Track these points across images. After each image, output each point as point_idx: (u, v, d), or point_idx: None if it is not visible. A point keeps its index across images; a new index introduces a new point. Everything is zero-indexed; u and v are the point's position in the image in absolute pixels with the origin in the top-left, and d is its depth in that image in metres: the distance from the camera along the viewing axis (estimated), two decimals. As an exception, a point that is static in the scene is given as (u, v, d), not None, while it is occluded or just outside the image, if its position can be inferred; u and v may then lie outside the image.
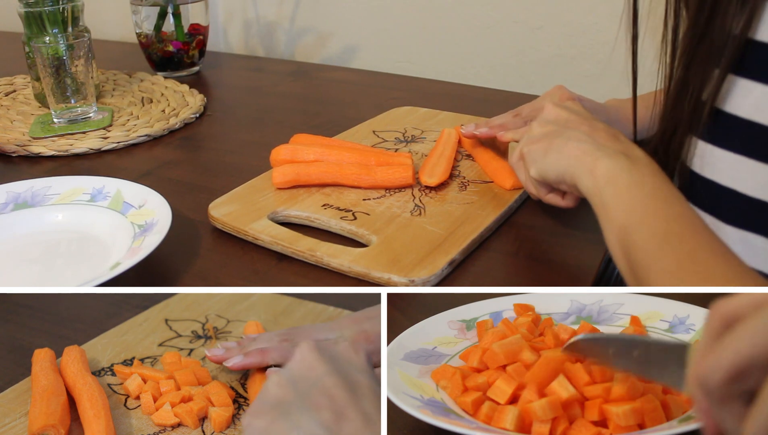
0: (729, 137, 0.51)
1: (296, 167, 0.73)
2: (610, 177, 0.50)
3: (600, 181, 0.51)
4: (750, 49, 0.49)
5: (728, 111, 0.50)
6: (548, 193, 0.62)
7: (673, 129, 0.55)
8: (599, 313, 0.62)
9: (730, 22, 0.48)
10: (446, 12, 1.23)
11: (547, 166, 0.57)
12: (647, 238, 0.47)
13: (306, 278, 0.61)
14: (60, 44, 0.93)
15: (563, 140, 0.56)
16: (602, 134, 0.55)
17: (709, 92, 0.50)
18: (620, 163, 0.50)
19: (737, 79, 0.50)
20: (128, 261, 0.59)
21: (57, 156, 0.89)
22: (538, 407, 0.46)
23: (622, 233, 0.49)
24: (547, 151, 0.57)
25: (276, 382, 0.42)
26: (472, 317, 0.62)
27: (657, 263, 0.46)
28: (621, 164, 0.50)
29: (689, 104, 0.52)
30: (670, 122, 0.55)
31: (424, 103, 1.01)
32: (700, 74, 0.51)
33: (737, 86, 0.50)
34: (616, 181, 0.50)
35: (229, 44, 1.48)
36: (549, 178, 0.58)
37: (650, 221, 0.47)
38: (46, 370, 0.57)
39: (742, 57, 0.49)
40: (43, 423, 0.51)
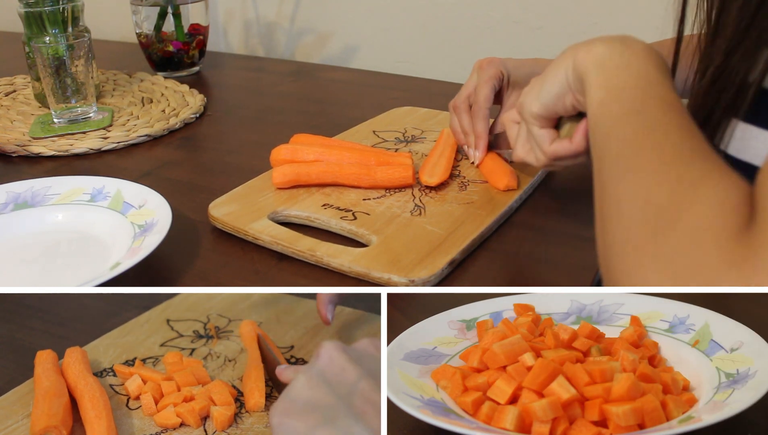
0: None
1: (296, 167, 0.73)
2: (601, 59, 0.50)
3: (591, 64, 0.50)
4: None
5: None
6: (552, 142, 0.58)
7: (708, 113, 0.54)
8: (599, 313, 0.62)
9: None
10: (446, 12, 1.23)
11: (547, 87, 0.55)
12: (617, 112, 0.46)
13: (306, 278, 0.62)
14: (60, 44, 0.93)
15: (557, 59, 0.55)
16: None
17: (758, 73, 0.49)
18: (614, 45, 0.50)
19: None
20: (128, 261, 0.59)
21: (57, 156, 0.89)
22: (538, 407, 0.46)
23: (598, 109, 0.48)
24: (543, 78, 0.56)
25: (306, 383, 0.40)
26: (472, 317, 0.62)
27: (619, 131, 0.45)
28: (614, 47, 0.50)
29: (732, 88, 0.52)
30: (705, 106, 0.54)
31: (424, 103, 1.01)
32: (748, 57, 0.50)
33: None
34: (605, 63, 0.49)
35: (229, 44, 1.48)
36: (551, 97, 0.55)
37: (625, 97, 0.47)
38: (48, 371, 0.57)
39: None
40: (45, 424, 0.51)
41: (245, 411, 0.55)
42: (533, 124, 0.59)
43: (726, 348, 0.54)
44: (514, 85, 0.78)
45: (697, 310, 0.59)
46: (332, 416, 0.38)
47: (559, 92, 0.55)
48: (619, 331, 0.59)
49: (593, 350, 0.55)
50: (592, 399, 0.48)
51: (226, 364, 0.63)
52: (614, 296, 0.63)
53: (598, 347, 0.55)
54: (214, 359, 0.63)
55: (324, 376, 0.41)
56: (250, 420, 0.54)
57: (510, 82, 0.78)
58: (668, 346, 0.58)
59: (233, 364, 0.63)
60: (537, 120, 0.58)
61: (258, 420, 0.54)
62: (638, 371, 0.50)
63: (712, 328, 0.57)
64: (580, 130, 0.57)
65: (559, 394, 0.47)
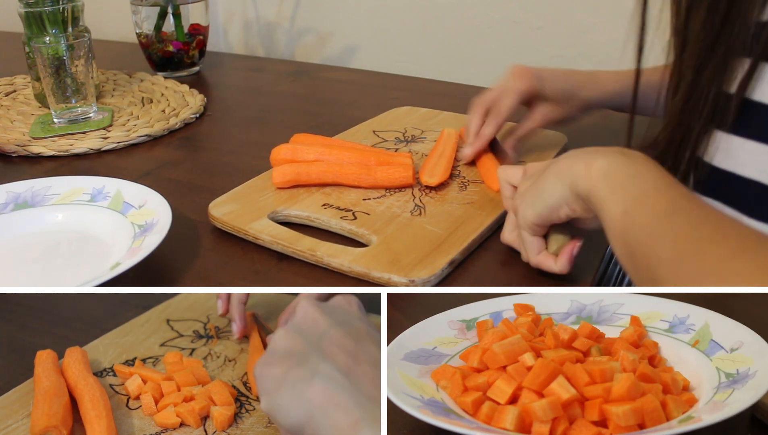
0: (755, 126, 0.50)
1: (296, 167, 0.73)
2: (606, 172, 0.49)
3: (596, 177, 0.50)
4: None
5: (755, 99, 0.49)
6: (539, 253, 0.59)
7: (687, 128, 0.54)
8: (599, 313, 0.62)
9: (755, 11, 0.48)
10: (446, 12, 1.23)
11: (543, 197, 0.55)
12: (650, 216, 0.45)
13: (306, 278, 0.62)
14: (60, 44, 0.93)
15: (553, 168, 0.54)
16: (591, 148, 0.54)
17: (739, 83, 0.49)
18: (616, 158, 0.50)
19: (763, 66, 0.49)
20: (128, 261, 0.59)
21: (57, 156, 0.89)
22: (538, 407, 0.46)
23: (622, 219, 0.47)
24: (541, 186, 0.55)
25: (283, 335, 0.44)
26: (472, 317, 0.62)
27: (665, 234, 0.44)
28: (617, 159, 0.49)
29: (708, 101, 0.51)
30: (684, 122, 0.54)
31: (424, 103, 1.01)
32: (720, 72, 0.50)
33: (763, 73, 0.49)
34: (612, 175, 0.49)
35: (229, 44, 1.48)
36: (546, 208, 0.55)
37: (652, 201, 0.46)
38: (48, 371, 0.57)
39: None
40: (45, 424, 0.51)
41: (245, 411, 0.55)
42: (525, 230, 0.59)
43: (726, 348, 0.54)
44: (546, 99, 0.77)
45: (697, 310, 0.59)
46: (304, 359, 0.42)
47: (554, 205, 0.54)
48: (619, 331, 0.59)
49: (593, 350, 0.55)
50: (592, 399, 0.48)
51: (226, 364, 0.63)
52: (614, 296, 0.63)
53: (598, 347, 0.55)
54: (214, 359, 0.63)
55: (299, 327, 0.45)
56: (250, 420, 0.54)
57: (541, 95, 0.77)
58: (668, 346, 0.57)
59: (233, 364, 0.63)
60: (531, 228, 0.58)
61: (258, 420, 0.54)
62: (638, 371, 0.50)
63: (712, 328, 0.57)
64: (566, 252, 0.58)
65: (559, 394, 0.47)
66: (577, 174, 0.51)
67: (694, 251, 0.43)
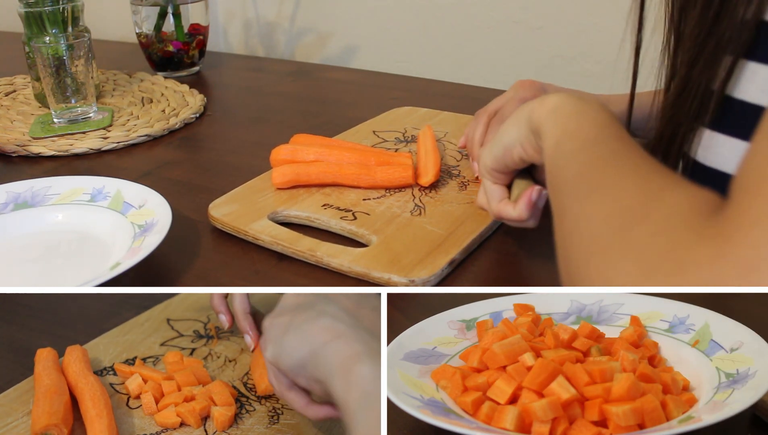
0: (735, 123, 0.50)
1: (296, 167, 0.73)
2: (555, 107, 0.50)
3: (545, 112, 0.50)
4: (756, 31, 0.48)
5: (735, 96, 0.50)
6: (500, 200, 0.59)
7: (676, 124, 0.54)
8: (599, 313, 0.62)
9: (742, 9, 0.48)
10: (446, 12, 1.23)
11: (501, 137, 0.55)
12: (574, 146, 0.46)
13: (306, 278, 0.62)
14: (60, 44, 0.93)
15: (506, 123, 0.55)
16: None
17: (720, 80, 0.50)
18: (568, 97, 0.50)
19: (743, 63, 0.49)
20: (128, 261, 0.59)
21: (57, 156, 0.89)
22: (538, 407, 0.47)
23: (553, 149, 0.48)
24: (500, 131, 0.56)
25: (294, 295, 0.48)
26: (472, 317, 0.62)
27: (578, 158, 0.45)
28: (568, 98, 0.50)
29: (697, 97, 0.52)
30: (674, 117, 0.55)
31: (424, 103, 1.01)
32: (709, 67, 0.51)
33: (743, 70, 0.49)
34: (560, 110, 0.50)
35: (229, 44, 1.48)
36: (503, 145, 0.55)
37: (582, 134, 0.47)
38: (48, 369, 0.57)
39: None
40: (45, 422, 0.51)
41: (246, 411, 0.55)
42: (487, 178, 0.59)
43: (726, 348, 0.54)
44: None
45: (697, 310, 0.59)
46: (311, 305, 0.46)
47: (508, 144, 0.55)
48: (619, 331, 0.59)
49: (593, 350, 0.55)
50: (592, 399, 0.48)
51: (227, 364, 0.63)
52: (614, 296, 0.63)
53: (598, 347, 0.55)
54: (214, 359, 0.63)
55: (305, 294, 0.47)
56: (251, 420, 0.54)
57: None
58: (668, 346, 0.58)
59: (233, 364, 0.63)
60: (490, 173, 0.58)
61: (258, 420, 0.54)
62: (638, 371, 0.51)
63: (712, 328, 0.57)
64: (524, 196, 0.57)
65: (559, 394, 0.48)
66: (531, 110, 0.52)
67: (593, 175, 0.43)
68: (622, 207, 0.39)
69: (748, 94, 0.49)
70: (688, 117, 0.53)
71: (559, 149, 0.48)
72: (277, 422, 0.54)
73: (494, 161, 0.57)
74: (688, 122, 0.53)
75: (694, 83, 0.52)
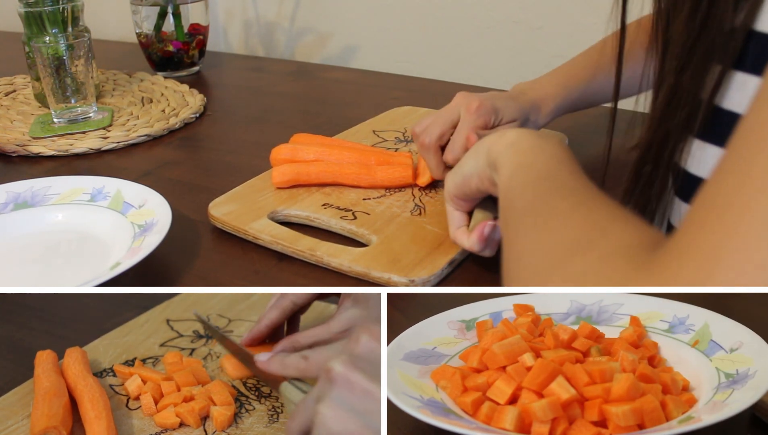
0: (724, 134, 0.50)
1: (296, 167, 0.73)
2: (512, 142, 0.51)
3: (503, 146, 0.52)
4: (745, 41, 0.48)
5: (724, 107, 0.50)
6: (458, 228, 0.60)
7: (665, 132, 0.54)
8: (599, 313, 0.62)
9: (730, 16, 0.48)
10: (446, 12, 1.23)
11: (462, 166, 0.57)
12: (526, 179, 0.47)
13: (306, 278, 0.62)
14: (60, 44, 0.93)
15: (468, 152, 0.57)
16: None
17: (709, 90, 0.50)
18: (526, 133, 0.52)
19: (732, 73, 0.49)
20: (128, 261, 0.59)
21: (57, 156, 0.89)
22: (537, 408, 0.46)
23: (507, 182, 0.49)
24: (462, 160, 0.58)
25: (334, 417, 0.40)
26: (471, 317, 0.62)
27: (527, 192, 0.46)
28: (526, 134, 0.52)
29: (686, 106, 0.52)
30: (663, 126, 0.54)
31: (424, 103, 1.01)
32: (697, 75, 0.51)
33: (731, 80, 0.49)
34: (517, 145, 0.51)
35: (229, 44, 1.48)
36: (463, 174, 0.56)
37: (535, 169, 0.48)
38: (48, 371, 0.57)
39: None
40: (45, 425, 0.51)
41: (245, 411, 0.55)
42: (448, 202, 0.61)
43: (726, 348, 0.54)
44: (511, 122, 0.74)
45: (696, 311, 0.59)
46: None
47: (467, 174, 0.56)
48: (618, 332, 0.59)
49: (593, 350, 0.55)
50: (591, 399, 0.48)
51: (226, 364, 0.63)
52: (614, 296, 0.63)
53: (598, 347, 0.55)
54: (213, 359, 0.63)
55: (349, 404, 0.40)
56: (250, 420, 0.54)
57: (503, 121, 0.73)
58: (668, 347, 0.58)
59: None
60: (452, 199, 0.60)
61: (258, 420, 0.54)
62: (638, 371, 0.50)
63: (712, 328, 0.57)
64: (478, 229, 0.58)
65: (559, 395, 0.47)
66: (491, 143, 0.53)
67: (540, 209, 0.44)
68: (567, 239, 0.40)
69: (737, 105, 0.48)
70: (677, 126, 0.53)
71: (512, 181, 0.49)
72: (277, 421, 0.54)
73: (454, 187, 0.59)
74: (677, 131, 0.53)
75: (683, 92, 0.51)
